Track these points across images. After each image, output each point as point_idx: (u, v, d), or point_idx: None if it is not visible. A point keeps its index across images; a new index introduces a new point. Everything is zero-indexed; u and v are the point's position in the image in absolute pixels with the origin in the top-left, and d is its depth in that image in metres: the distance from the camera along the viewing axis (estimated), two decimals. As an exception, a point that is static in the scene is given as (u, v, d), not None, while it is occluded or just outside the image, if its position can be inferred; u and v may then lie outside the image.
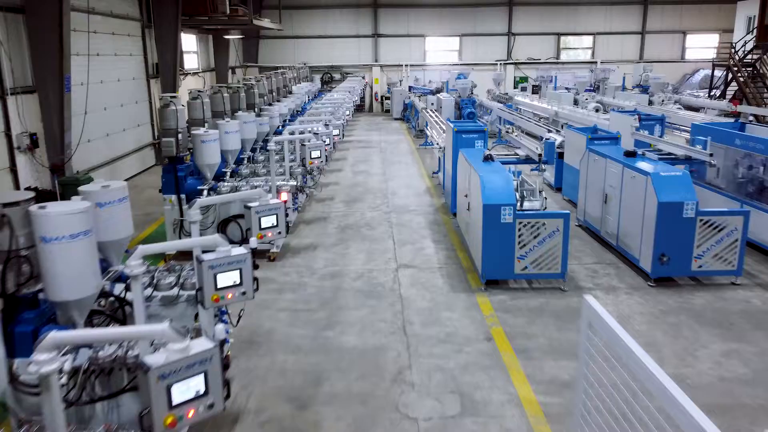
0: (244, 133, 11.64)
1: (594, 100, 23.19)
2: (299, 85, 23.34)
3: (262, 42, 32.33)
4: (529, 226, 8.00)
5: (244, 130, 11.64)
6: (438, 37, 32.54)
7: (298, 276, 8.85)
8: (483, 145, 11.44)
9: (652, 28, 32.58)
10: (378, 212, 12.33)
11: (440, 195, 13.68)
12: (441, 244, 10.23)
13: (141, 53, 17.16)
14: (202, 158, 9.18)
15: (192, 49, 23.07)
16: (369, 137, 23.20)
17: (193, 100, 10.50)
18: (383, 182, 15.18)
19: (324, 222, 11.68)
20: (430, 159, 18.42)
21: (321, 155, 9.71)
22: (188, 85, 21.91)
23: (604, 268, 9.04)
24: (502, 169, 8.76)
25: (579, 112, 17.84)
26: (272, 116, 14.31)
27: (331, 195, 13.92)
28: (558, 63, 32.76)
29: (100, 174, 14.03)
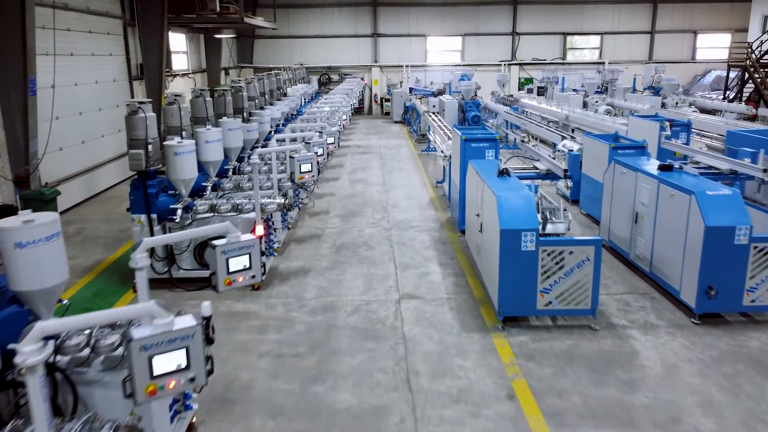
0: (229, 141, 10.49)
1: (604, 102, 22.08)
2: (294, 87, 22.17)
3: (258, 42, 31.16)
4: (554, 254, 6.83)
5: (228, 137, 10.50)
6: (440, 36, 31.38)
7: (285, 309, 7.67)
8: (494, 155, 10.27)
9: (661, 27, 31.42)
10: (377, 229, 11.15)
11: (445, 208, 12.50)
12: (448, 268, 9.05)
13: (123, 53, 16.00)
14: (176, 172, 8.00)
15: (181, 49, 21.91)
16: (368, 142, 22.03)
17: (169, 105, 9.33)
18: (383, 193, 14.00)
19: (317, 240, 10.50)
20: (433, 166, 17.25)
21: (312, 169, 8.54)
22: (177, 87, 20.75)
23: (637, 299, 7.86)
24: (521, 186, 7.58)
25: (592, 116, 16.68)
26: (262, 121, 13.13)
27: (326, 207, 12.74)
28: (564, 64, 31.58)
29: (73, 185, 12.86)
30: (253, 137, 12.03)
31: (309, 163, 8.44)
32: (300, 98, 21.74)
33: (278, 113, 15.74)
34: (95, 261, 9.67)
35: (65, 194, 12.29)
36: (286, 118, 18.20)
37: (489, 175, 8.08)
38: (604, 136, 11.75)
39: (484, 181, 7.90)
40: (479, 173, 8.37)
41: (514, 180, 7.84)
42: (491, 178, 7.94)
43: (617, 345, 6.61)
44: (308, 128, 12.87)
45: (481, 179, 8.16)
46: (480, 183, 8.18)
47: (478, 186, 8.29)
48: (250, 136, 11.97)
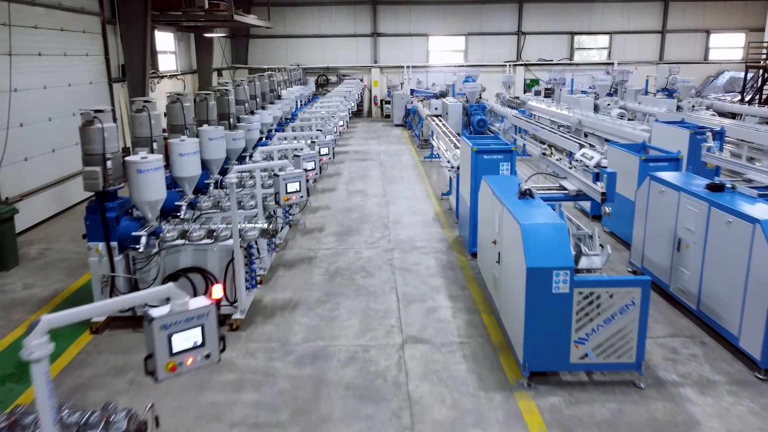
0: (209, 152, 9.31)
1: (617, 105, 20.88)
2: (290, 89, 20.97)
3: (252, 42, 29.93)
4: (591, 297, 5.61)
5: (208, 148, 9.32)
6: (442, 36, 30.15)
7: (267, 358, 6.44)
8: (510, 168, 9.05)
9: (673, 26, 30.20)
10: (377, 250, 9.92)
11: (452, 224, 11.28)
12: (459, 301, 7.82)
13: (101, 53, 14.77)
14: (139, 193, 6.78)
15: (169, 49, 20.68)
16: (367, 147, 20.80)
17: (138, 113, 8.11)
18: (383, 206, 12.77)
19: (309, 265, 9.27)
20: (437, 175, 16.03)
21: (301, 188, 7.31)
22: (164, 88, 19.53)
23: (685, 344, 6.64)
24: (549, 211, 6.35)
25: (609, 121, 15.44)
26: (251, 128, 11.94)
27: (320, 223, 11.51)
28: (571, 64, 30.36)
29: (40, 199, 11.64)
30: (239, 146, 10.84)
31: (297, 182, 7.21)
32: (295, 101, 20.56)
33: (270, 118, 14.56)
34: (53, 291, 8.44)
35: (30, 209, 11.07)
36: (279, 123, 17.04)
37: (508, 196, 6.85)
38: (631, 146, 10.54)
39: (502, 204, 6.67)
40: (496, 192, 7.14)
41: (538, 203, 6.61)
42: (511, 199, 6.71)
43: (671, 411, 5.39)
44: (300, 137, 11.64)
45: (498, 200, 6.93)
46: (497, 205, 6.96)
47: (495, 208, 7.07)
48: (236, 145, 10.79)
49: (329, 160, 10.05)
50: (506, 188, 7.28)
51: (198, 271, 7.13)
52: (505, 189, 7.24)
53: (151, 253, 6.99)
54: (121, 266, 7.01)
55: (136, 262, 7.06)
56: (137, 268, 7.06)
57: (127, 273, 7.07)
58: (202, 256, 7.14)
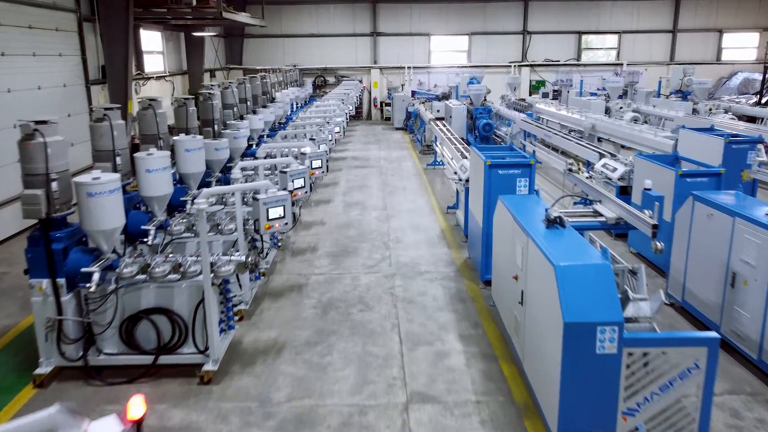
0: (186, 165, 8.21)
1: (630, 108, 19.76)
2: (284, 91, 19.83)
3: (248, 42, 28.79)
4: (644, 358, 4.48)
5: (184, 161, 8.23)
6: (444, 35, 29.01)
7: (242, 423, 5.29)
8: (529, 184, 7.92)
9: (684, 25, 29.06)
10: (376, 275, 8.78)
11: (461, 244, 10.14)
12: (472, 344, 6.68)
13: (78, 53, 13.64)
14: (90, 221, 5.63)
15: (156, 49, 19.54)
16: (366, 152, 19.65)
17: (97, 122, 6.95)
18: (383, 221, 11.63)
19: (299, 294, 8.13)
20: (441, 184, 14.89)
21: (285, 212, 6.16)
22: (151, 91, 18.41)
23: (748, 404, 5.50)
24: (586, 245, 5.21)
25: (626, 126, 14.30)
26: (237, 135, 10.80)
27: (313, 242, 10.37)
28: (579, 65, 29.22)
29: (4, 214, 10.50)
30: (222, 157, 9.70)
31: (280, 206, 6.06)
32: (290, 104, 19.44)
33: (260, 123, 13.44)
34: (1, 328, 7.30)
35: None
36: (273, 128, 15.93)
37: (533, 224, 5.72)
38: (661, 158, 9.40)
39: (527, 234, 5.54)
40: (517, 218, 6.01)
41: (572, 235, 5.47)
42: (537, 229, 5.57)
43: (748, 506, 4.25)
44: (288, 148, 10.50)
45: (520, 228, 5.80)
46: (519, 233, 5.82)
47: (517, 237, 5.93)
48: (218, 155, 9.66)
49: (322, 174, 8.92)
50: (529, 213, 6.15)
51: (163, 313, 5.99)
52: (528, 214, 6.11)
53: (107, 292, 5.85)
54: (71, 307, 5.86)
55: (88, 302, 5.92)
56: (90, 309, 5.92)
57: (77, 316, 5.92)
58: (168, 295, 6.00)
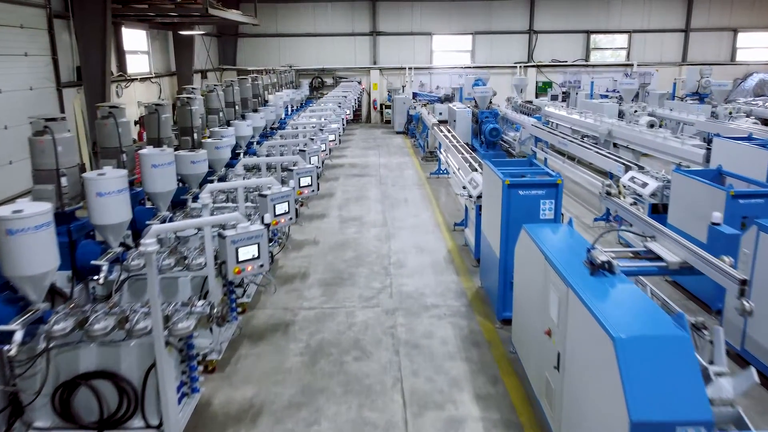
0: (153, 183, 7.02)
1: (645, 112, 18.56)
2: (278, 93, 18.63)
3: (242, 41, 27.59)
4: (741, 469, 3.28)
5: (151, 179, 7.05)
6: (447, 35, 27.81)
7: None
8: (555, 207, 6.72)
9: (697, 24, 27.85)
10: (375, 311, 7.57)
11: (471, 268, 8.94)
12: (491, 407, 5.47)
13: (47, 53, 12.45)
14: (12, 266, 4.42)
15: (141, 49, 18.33)
16: (365, 159, 18.44)
17: (37, 136, 5.75)
18: (383, 240, 10.42)
19: (284, 336, 6.92)
20: (446, 195, 13.68)
21: (260, 252, 4.90)
22: (135, 93, 17.22)
23: None
24: (650, 304, 4.00)
25: (649, 133, 13.08)
26: (220, 145, 9.60)
27: (304, 267, 9.17)
28: (587, 66, 28.01)
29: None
30: (199, 171, 8.49)
31: (254, 244, 4.84)
32: (283, 107, 18.23)
33: (248, 129, 12.23)
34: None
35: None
36: (264, 133, 14.74)
37: (571, 267, 4.51)
38: (703, 173, 8.20)
39: (567, 283, 4.33)
40: (550, 257, 4.80)
41: (626, 287, 4.25)
42: (579, 276, 4.37)
43: None
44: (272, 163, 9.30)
45: (556, 272, 4.59)
46: (555, 279, 4.61)
47: (551, 282, 4.72)
48: (196, 169, 8.46)
49: (312, 194, 7.71)
50: (565, 251, 4.95)
51: (107, 378, 4.78)
52: (564, 252, 4.91)
53: (36, 353, 4.64)
54: (-9, 373, 4.65)
55: (13, 366, 4.71)
56: (16, 374, 4.72)
57: (1, 383, 4.72)
58: (114, 355, 4.79)
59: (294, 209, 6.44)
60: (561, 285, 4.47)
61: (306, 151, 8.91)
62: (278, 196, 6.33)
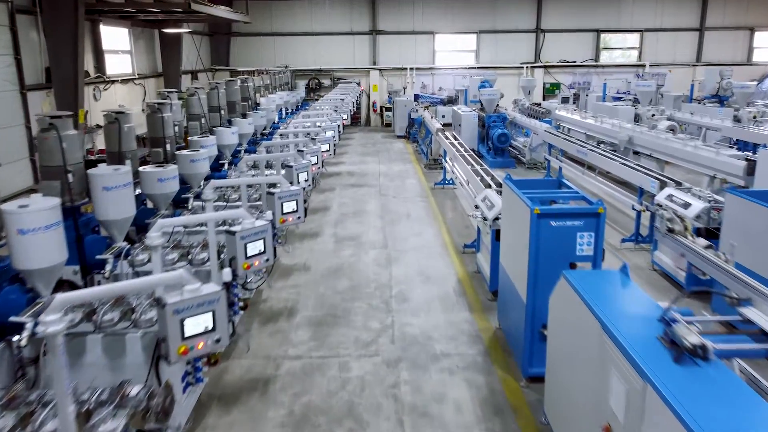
0: (106, 209, 5.92)
1: (663, 116, 17.33)
2: (270, 96, 17.38)
3: (235, 41, 26.33)
4: None
5: (103, 204, 5.88)
6: (450, 34, 26.58)
7: None
8: (594, 242, 5.46)
9: (712, 23, 26.60)
10: (374, 361, 6.30)
11: (485, 302, 7.67)
12: None
13: (9, 52, 11.20)
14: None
15: (123, 48, 17.06)
16: (364, 166, 17.18)
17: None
18: (384, 265, 9.16)
19: (261, 399, 5.65)
20: (452, 209, 12.42)
21: (215, 324, 3.53)
22: (115, 96, 15.98)
23: None
24: (765, 408, 2.76)
25: (676, 141, 11.81)
26: (196, 158, 8.37)
27: (291, 299, 7.91)
28: (597, 66, 26.76)
29: None
30: (169, 190, 7.31)
31: (208, 312, 3.54)
32: (277, 111, 16.99)
33: (233, 137, 11.01)
34: None
35: None
36: (253, 140, 13.50)
37: (645, 350, 3.26)
38: (759, 194, 6.93)
39: (644, 377, 3.07)
40: (609, 329, 3.55)
41: (728, 382, 3.00)
42: (659, 366, 3.11)
43: None
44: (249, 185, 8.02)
45: (624, 356, 3.32)
46: (618, 360, 3.36)
47: (611, 362, 3.46)
48: (164, 188, 7.27)
49: (298, 221, 6.42)
50: (628, 318, 3.70)
51: None
52: (628, 320, 3.65)
53: None
54: None
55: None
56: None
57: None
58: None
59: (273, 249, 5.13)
60: (632, 375, 3.21)
61: (293, 167, 7.61)
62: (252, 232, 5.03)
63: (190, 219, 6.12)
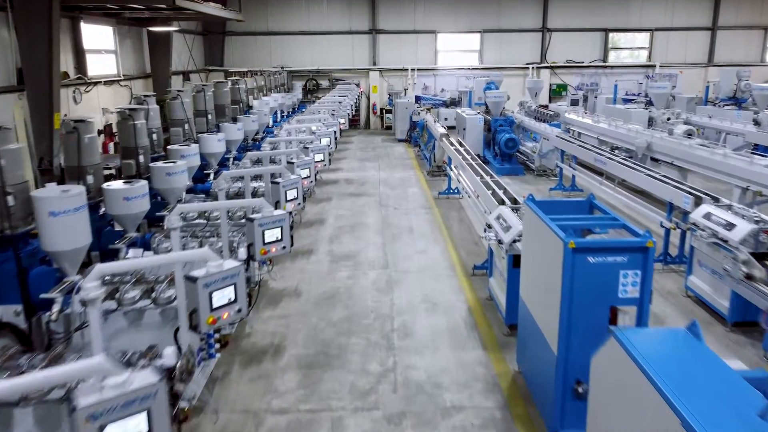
0: (54, 237, 5.21)
1: (679, 119, 16.37)
2: (264, 98, 16.44)
3: (230, 40, 25.36)
4: None
5: (50, 232, 4.98)
6: (453, 33, 25.59)
7: None
8: (641, 283, 4.50)
9: (725, 22, 25.63)
10: (372, 418, 5.32)
11: (500, 337, 6.71)
12: None
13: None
14: None
15: (108, 47, 16.09)
16: (363, 173, 16.22)
17: None
18: (384, 290, 8.19)
19: (238, 467, 4.69)
20: (458, 222, 11.45)
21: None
22: (98, 99, 15.02)
23: None
24: None
25: (701, 149, 10.80)
26: (172, 171, 7.46)
27: (279, 334, 6.93)
28: (605, 67, 25.79)
29: None
30: (137, 210, 6.39)
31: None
32: (272, 113, 16.05)
33: (219, 145, 10.12)
34: None
35: None
36: (244, 145, 12.58)
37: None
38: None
39: None
40: (687, 420, 2.58)
41: None
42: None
43: None
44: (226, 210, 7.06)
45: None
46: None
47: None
48: (130, 208, 6.34)
49: (283, 251, 5.41)
50: (709, 404, 2.73)
51: None
52: (709, 409, 2.69)
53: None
54: None
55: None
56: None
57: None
58: None
59: (245, 308, 4.11)
60: None
61: (280, 183, 6.60)
62: (218, 279, 4.06)
63: (125, 266, 4.69)
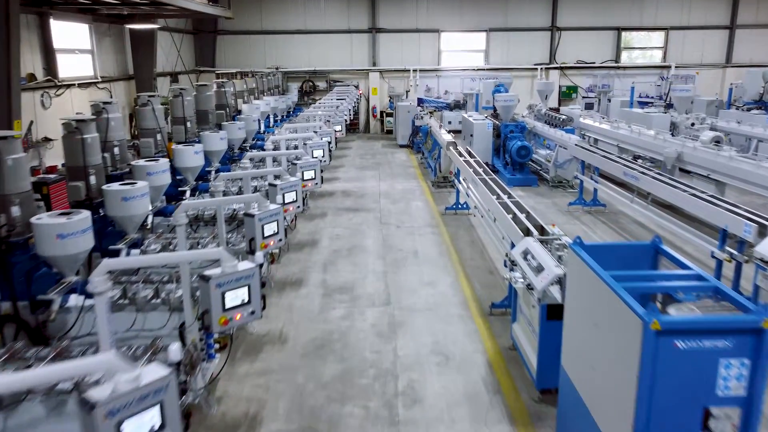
0: None
1: (704, 124, 15.07)
2: (255, 102, 15.12)
3: (221, 40, 24.04)
4: None
5: None
6: (457, 32, 24.28)
7: None
8: (751, 375, 3.18)
9: (744, 20, 24.31)
10: None
11: (530, 406, 5.39)
12: None
13: None
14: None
15: (83, 47, 14.76)
16: (362, 183, 14.89)
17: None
18: (386, 336, 6.85)
19: None
20: (470, 245, 10.11)
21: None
22: (72, 103, 13.70)
23: None
24: None
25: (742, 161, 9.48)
26: (130, 195, 6.22)
27: (256, 399, 5.61)
28: (618, 68, 24.47)
29: None
30: (75, 250, 5.19)
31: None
32: (263, 118, 14.73)
33: (197, 158, 8.77)
34: None
35: None
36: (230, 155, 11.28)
37: None
38: None
39: None
40: None
41: None
42: None
43: None
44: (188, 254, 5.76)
45: None
46: None
47: None
48: (66, 248, 5.11)
49: (252, 317, 4.10)
50: None
51: None
52: None
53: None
54: None
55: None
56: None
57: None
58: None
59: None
60: None
61: (255, 216, 5.24)
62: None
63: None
